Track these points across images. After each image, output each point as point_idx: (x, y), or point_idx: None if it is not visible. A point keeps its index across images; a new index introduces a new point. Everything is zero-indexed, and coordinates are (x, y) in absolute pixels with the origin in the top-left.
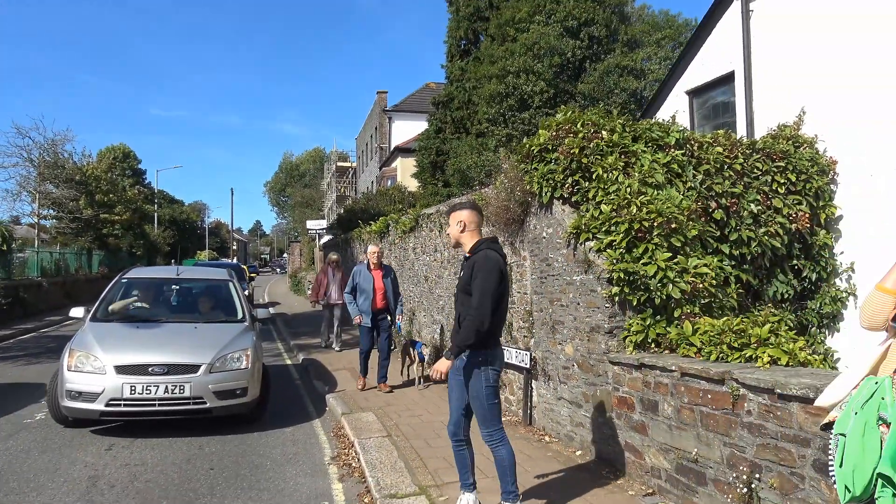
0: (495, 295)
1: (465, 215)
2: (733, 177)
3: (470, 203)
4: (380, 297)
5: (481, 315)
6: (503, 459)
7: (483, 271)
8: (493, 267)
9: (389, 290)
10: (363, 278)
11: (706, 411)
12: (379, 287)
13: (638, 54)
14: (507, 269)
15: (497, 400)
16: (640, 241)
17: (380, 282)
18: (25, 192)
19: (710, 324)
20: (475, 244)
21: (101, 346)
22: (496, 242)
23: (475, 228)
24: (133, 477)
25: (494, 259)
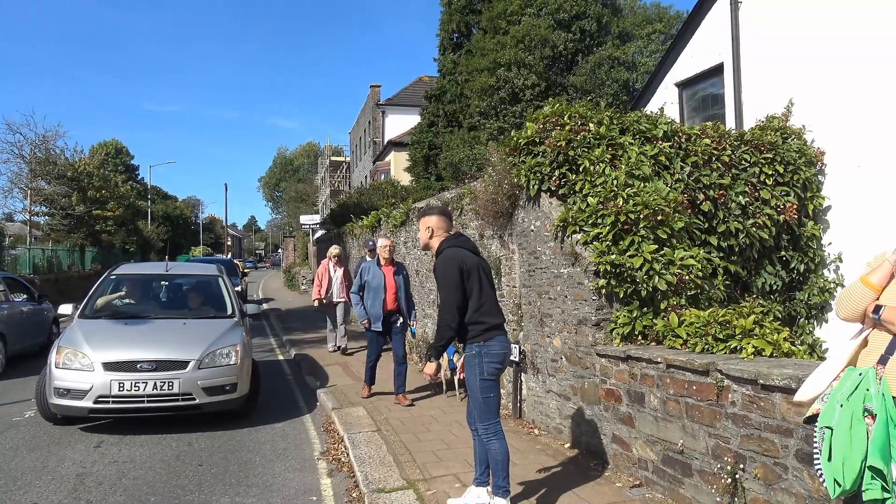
0: (458, 292)
1: (433, 221)
2: (721, 168)
3: (438, 209)
4: (391, 296)
5: (447, 314)
6: (496, 453)
7: (442, 273)
8: (451, 266)
9: (402, 289)
10: (372, 275)
11: (691, 403)
12: (391, 285)
13: (629, 47)
14: (476, 259)
15: (493, 394)
16: (626, 234)
17: (391, 279)
18: (17, 188)
19: (695, 315)
20: (439, 246)
21: (89, 342)
22: (459, 237)
23: (443, 233)
24: (121, 474)
25: (451, 257)
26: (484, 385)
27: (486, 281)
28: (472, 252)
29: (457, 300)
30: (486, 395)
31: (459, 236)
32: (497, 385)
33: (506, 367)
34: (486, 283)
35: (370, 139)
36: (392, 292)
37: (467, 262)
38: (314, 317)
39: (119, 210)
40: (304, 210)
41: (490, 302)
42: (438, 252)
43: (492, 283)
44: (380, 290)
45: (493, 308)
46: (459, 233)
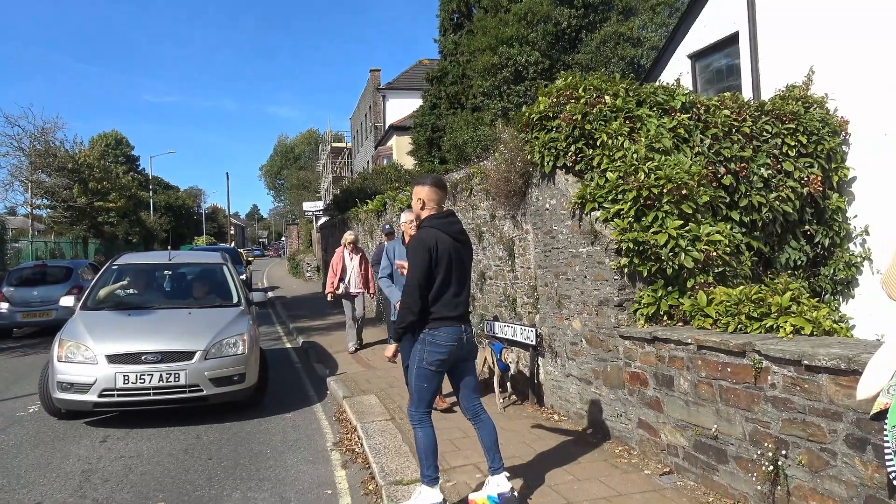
0: (424, 276)
1: (424, 192)
2: (742, 140)
3: (432, 179)
4: None
5: (409, 297)
6: (419, 441)
7: (412, 253)
8: (422, 247)
9: None
10: (399, 256)
11: (726, 385)
12: None
13: (634, 22)
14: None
15: (428, 385)
16: (649, 210)
17: None
18: (17, 181)
19: (726, 293)
20: (419, 223)
21: (91, 335)
22: (444, 217)
23: (434, 207)
24: (128, 469)
25: (425, 237)
26: (421, 374)
27: (458, 270)
28: (453, 236)
29: (421, 283)
30: (421, 384)
31: (448, 216)
32: (438, 377)
33: (451, 360)
34: (457, 272)
35: (371, 124)
36: None
37: (440, 247)
38: (320, 304)
39: (121, 201)
40: (306, 197)
41: (452, 293)
42: (419, 227)
43: (464, 272)
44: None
45: (453, 299)
46: (450, 211)
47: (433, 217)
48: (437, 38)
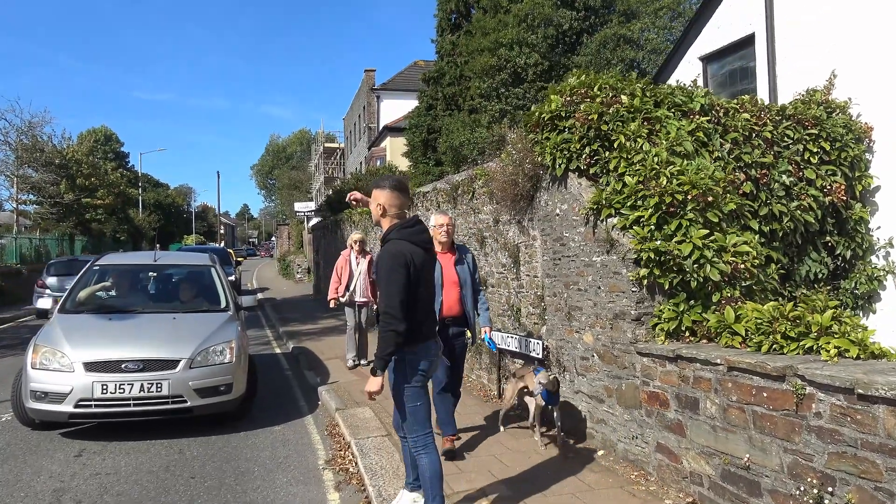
0: (405, 293)
1: (384, 196)
2: (762, 146)
3: (392, 182)
4: (453, 296)
5: (394, 320)
6: (424, 469)
7: (386, 272)
8: (397, 263)
9: (468, 286)
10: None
11: (761, 412)
12: (451, 280)
13: (635, 24)
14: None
15: (420, 402)
16: (671, 217)
17: (452, 271)
18: (3, 176)
19: (756, 310)
20: (386, 231)
21: (68, 340)
22: (411, 226)
23: (396, 213)
24: (103, 489)
25: (398, 252)
26: (409, 393)
27: (429, 284)
28: (423, 247)
29: (404, 302)
30: (413, 403)
31: (414, 224)
32: (424, 393)
33: (431, 374)
34: (428, 286)
35: (365, 125)
36: (454, 290)
37: (416, 261)
38: (311, 306)
39: (109, 198)
40: (297, 198)
41: (426, 309)
42: (385, 239)
43: (433, 285)
44: (437, 289)
45: (427, 315)
46: (417, 218)
47: (402, 227)
48: (435, 38)
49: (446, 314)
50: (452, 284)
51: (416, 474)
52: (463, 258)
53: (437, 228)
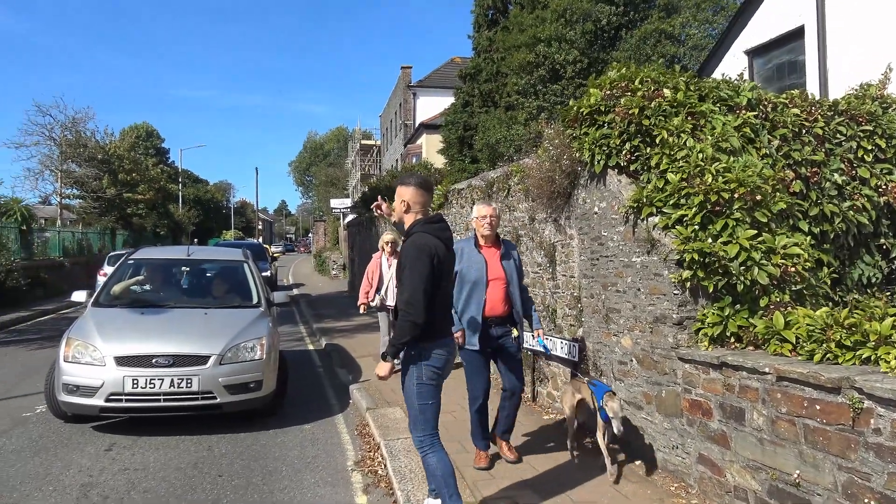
0: (429, 284)
1: (409, 193)
2: (813, 143)
3: (417, 179)
4: (499, 294)
5: (415, 309)
6: (434, 469)
7: (411, 260)
8: (423, 253)
9: (514, 283)
10: (468, 261)
11: (813, 425)
12: (497, 276)
13: (676, 19)
14: (447, 252)
15: (432, 401)
16: (717, 216)
17: (497, 267)
18: (48, 171)
19: (808, 316)
20: (409, 227)
21: (100, 334)
22: (435, 222)
23: (420, 210)
24: (131, 485)
25: (424, 244)
26: (421, 390)
27: (448, 280)
28: (446, 244)
29: (427, 293)
30: (424, 401)
31: (439, 221)
32: (437, 392)
33: (447, 373)
34: (448, 282)
35: (401, 122)
36: (501, 288)
37: (440, 254)
38: (345, 303)
39: (150, 193)
40: (334, 194)
41: (444, 303)
42: (409, 233)
43: (451, 280)
44: (479, 285)
45: (445, 309)
46: (440, 216)
47: (426, 222)
48: (471, 34)
49: (490, 313)
50: (498, 281)
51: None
52: (509, 253)
53: (479, 220)
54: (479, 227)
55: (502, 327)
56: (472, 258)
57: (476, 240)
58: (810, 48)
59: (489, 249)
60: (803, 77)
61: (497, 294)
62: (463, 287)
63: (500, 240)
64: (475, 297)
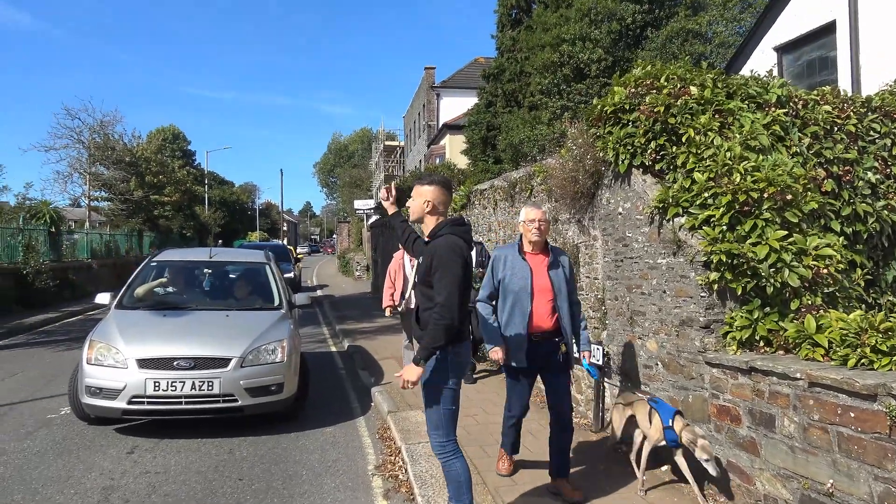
0: (462, 287)
1: (430, 193)
2: (845, 140)
3: (439, 178)
4: (546, 307)
5: (450, 312)
6: (457, 475)
7: (445, 262)
8: (456, 256)
9: (563, 295)
10: (511, 270)
11: (847, 433)
12: (543, 288)
13: (703, 17)
14: (471, 256)
15: (455, 406)
16: (746, 217)
17: (545, 277)
18: (77, 173)
19: (840, 319)
20: (435, 227)
21: (123, 336)
22: (460, 224)
23: (443, 209)
24: (152, 489)
25: (456, 245)
26: (447, 394)
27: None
28: (469, 246)
29: (459, 296)
30: (448, 406)
31: (463, 223)
32: (458, 396)
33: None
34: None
35: (425, 123)
36: (546, 300)
37: (467, 257)
38: (368, 304)
39: (176, 195)
40: (358, 195)
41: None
42: (435, 234)
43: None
44: (523, 296)
45: (466, 313)
46: (462, 217)
47: (453, 224)
48: (495, 34)
49: (536, 328)
50: (545, 293)
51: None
52: (558, 261)
53: (527, 224)
54: (527, 233)
55: (549, 343)
56: (517, 266)
57: (521, 246)
58: (842, 43)
59: (536, 257)
60: (835, 73)
61: (544, 307)
62: (506, 298)
63: (548, 247)
64: (519, 309)
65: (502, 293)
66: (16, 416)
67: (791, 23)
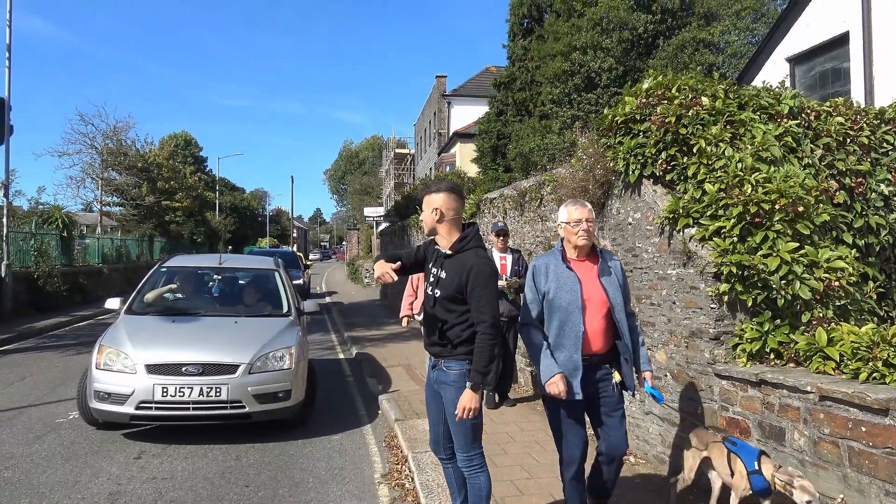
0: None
1: (440, 201)
2: (858, 152)
3: (447, 185)
4: (599, 323)
5: (497, 333)
6: (481, 487)
7: (485, 281)
8: (493, 272)
9: (619, 307)
10: (556, 282)
11: (858, 448)
12: (597, 300)
13: (715, 27)
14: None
15: (481, 418)
16: (757, 228)
17: (597, 287)
18: (89, 178)
19: (852, 332)
20: (459, 241)
21: (132, 342)
22: (481, 238)
23: (455, 217)
24: (158, 494)
25: (492, 261)
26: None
27: None
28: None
29: (498, 314)
30: (475, 420)
31: (479, 235)
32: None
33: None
34: None
35: (435, 131)
36: (599, 314)
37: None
38: (377, 311)
39: (187, 201)
40: (368, 203)
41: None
42: (461, 248)
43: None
44: (573, 313)
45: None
46: (474, 223)
47: (475, 237)
48: (506, 43)
49: (587, 349)
50: (599, 306)
51: (462, 497)
52: (608, 267)
53: (571, 226)
54: (572, 236)
55: (601, 368)
56: (562, 277)
57: (563, 253)
58: (855, 55)
59: (583, 264)
60: (848, 85)
61: (596, 323)
62: (552, 316)
63: (596, 250)
64: (569, 328)
65: (547, 310)
66: (25, 420)
67: (804, 34)
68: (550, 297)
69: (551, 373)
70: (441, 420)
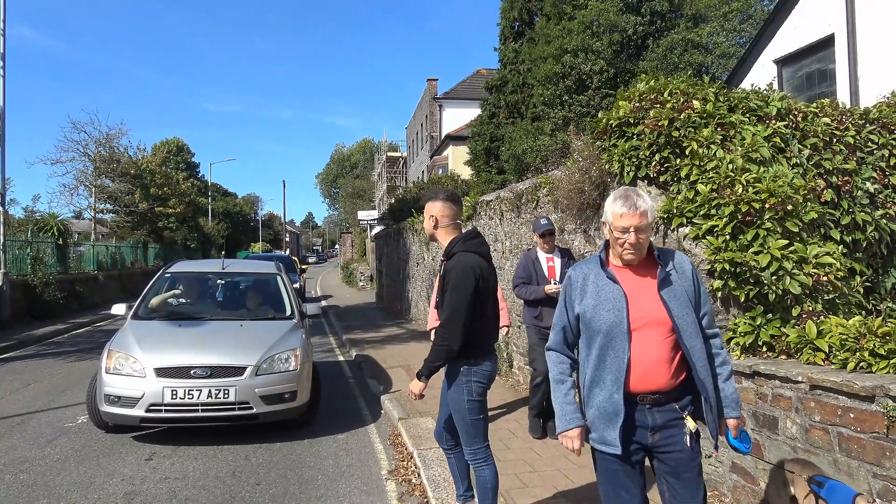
0: (470, 307)
1: (436, 209)
2: (844, 151)
3: (444, 193)
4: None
5: (451, 334)
6: (486, 480)
7: (456, 281)
8: (468, 275)
9: (689, 331)
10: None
11: (847, 433)
12: (651, 319)
13: (704, 29)
14: (488, 266)
15: (482, 415)
16: (748, 227)
17: (652, 303)
18: (83, 186)
19: (841, 325)
20: (449, 245)
21: (140, 346)
22: (473, 237)
23: (450, 224)
24: (172, 493)
25: (469, 264)
26: (472, 406)
27: (491, 295)
28: (486, 259)
29: (467, 317)
30: (475, 416)
31: (476, 236)
32: (485, 406)
33: (490, 386)
34: (491, 297)
35: (427, 134)
36: (657, 339)
37: (484, 274)
38: (374, 314)
39: (180, 207)
40: (360, 206)
41: (490, 321)
42: (450, 253)
43: (495, 296)
44: (616, 337)
45: (491, 327)
46: (476, 231)
47: (466, 239)
48: (497, 46)
49: (639, 386)
50: (655, 328)
51: (466, 485)
52: (673, 275)
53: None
54: (616, 245)
55: (665, 411)
56: (604, 291)
57: (604, 259)
58: (840, 57)
59: (633, 273)
60: (833, 86)
61: (652, 351)
62: (591, 341)
63: (654, 252)
64: (612, 359)
65: (585, 334)
66: (34, 425)
67: (790, 36)
68: (587, 318)
69: (566, 425)
70: (447, 412)
